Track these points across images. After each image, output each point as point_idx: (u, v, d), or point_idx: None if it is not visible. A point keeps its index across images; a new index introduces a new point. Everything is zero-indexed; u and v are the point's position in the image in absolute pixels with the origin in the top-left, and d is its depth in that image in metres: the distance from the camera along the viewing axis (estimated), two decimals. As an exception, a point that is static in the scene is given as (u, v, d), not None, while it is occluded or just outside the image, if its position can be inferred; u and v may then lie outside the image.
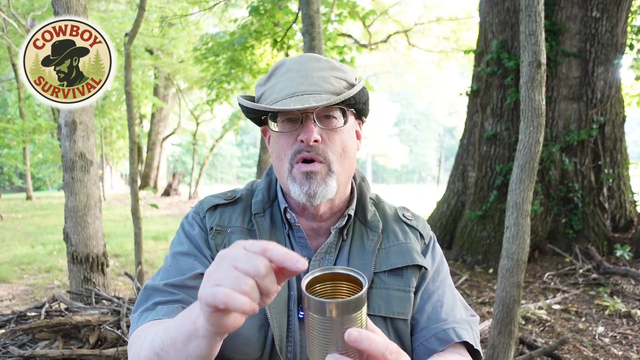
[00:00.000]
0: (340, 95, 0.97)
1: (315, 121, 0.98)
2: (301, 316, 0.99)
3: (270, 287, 0.61)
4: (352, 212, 1.08)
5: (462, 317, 1.06)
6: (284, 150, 1.01)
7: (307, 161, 0.99)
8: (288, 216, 1.07)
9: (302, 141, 0.98)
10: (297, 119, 0.99)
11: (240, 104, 1.06)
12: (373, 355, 0.61)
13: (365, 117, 1.13)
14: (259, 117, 1.08)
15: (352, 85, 1.04)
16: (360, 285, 0.65)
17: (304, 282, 0.65)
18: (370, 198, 1.15)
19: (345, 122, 1.01)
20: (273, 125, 1.02)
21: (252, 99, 1.09)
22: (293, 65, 1.03)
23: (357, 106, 1.05)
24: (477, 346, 1.03)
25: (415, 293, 1.06)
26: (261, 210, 1.08)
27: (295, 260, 0.60)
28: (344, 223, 1.07)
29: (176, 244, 1.07)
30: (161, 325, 0.85)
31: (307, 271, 1.00)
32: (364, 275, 0.66)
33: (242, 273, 0.60)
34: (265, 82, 1.06)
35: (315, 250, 1.06)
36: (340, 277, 0.68)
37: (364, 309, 0.63)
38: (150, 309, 0.95)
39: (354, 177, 1.15)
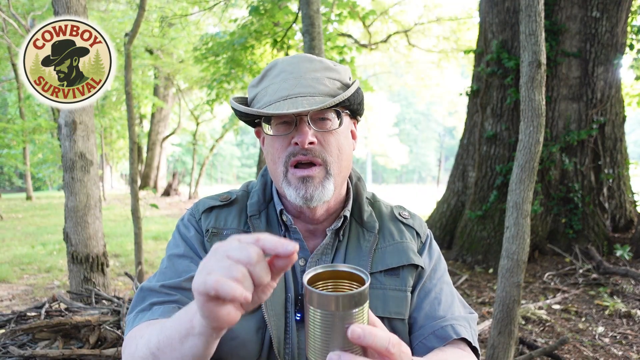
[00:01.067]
0: (335, 97, 0.95)
1: (309, 123, 0.97)
2: (298, 318, 0.99)
3: (263, 276, 0.61)
4: (347, 214, 1.08)
5: (460, 314, 1.05)
6: (278, 154, 1.00)
7: (303, 165, 0.98)
8: (284, 218, 1.06)
9: (296, 144, 0.97)
10: (291, 122, 0.98)
11: (232, 107, 1.04)
12: (376, 350, 0.61)
13: (360, 117, 1.12)
14: (253, 119, 1.06)
15: (346, 86, 1.03)
16: (362, 284, 0.64)
17: (306, 277, 0.64)
18: (367, 197, 1.15)
19: (340, 124, 1.00)
20: (267, 128, 1.01)
21: (244, 100, 1.08)
22: (286, 67, 1.01)
23: (351, 107, 1.03)
24: (475, 343, 1.03)
25: (412, 292, 1.06)
26: (257, 212, 1.07)
27: (286, 244, 0.61)
28: (339, 224, 1.06)
29: (172, 247, 1.06)
30: (157, 324, 0.84)
31: (305, 269, 0.99)
32: (366, 272, 0.65)
33: (233, 261, 0.60)
34: (258, 84, 1.04)
35: (311, 252, 1.06)
36: (342, 275, 0.68)
37: (366, 305, 0.62)
38: (147, 309, 0.95)
39: (349, 177, 1.14)
